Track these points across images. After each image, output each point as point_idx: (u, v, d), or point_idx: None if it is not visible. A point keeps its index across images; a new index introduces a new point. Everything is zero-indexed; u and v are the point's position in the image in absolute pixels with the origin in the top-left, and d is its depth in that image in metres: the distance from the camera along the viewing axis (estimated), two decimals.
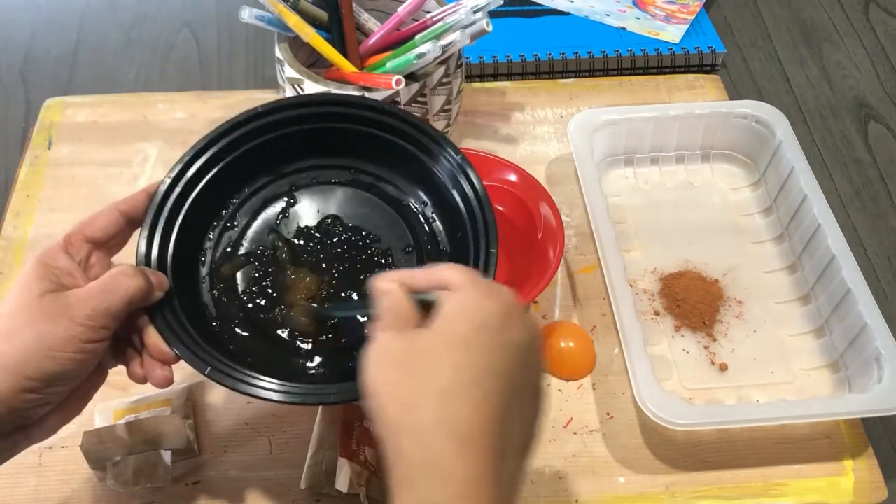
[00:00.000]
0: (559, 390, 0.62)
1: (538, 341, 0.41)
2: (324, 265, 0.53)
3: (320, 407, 0.56)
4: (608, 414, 0.60)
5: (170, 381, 0.47)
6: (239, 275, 0.53)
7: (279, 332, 0.51)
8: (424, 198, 0.56)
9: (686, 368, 0.63)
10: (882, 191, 0.77)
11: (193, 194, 0.52)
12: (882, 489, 0.58)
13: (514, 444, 0.37)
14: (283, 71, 0.68)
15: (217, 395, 0.60)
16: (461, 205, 0.53)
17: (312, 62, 0.74)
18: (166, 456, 0.54)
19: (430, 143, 0.54)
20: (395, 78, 0.63)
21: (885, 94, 0.85)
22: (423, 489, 0.35)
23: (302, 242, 0.54)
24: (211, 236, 0.54)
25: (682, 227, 0.71)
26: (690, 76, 0.84)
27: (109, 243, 0.48)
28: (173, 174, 0.51)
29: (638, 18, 0.88)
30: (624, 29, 0.87)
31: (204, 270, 0.53)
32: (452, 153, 0.53)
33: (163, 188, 0.51)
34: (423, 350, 0.38)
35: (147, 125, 0.78)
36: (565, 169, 0.75)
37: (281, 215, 0.55)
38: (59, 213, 0.71)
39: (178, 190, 0.51)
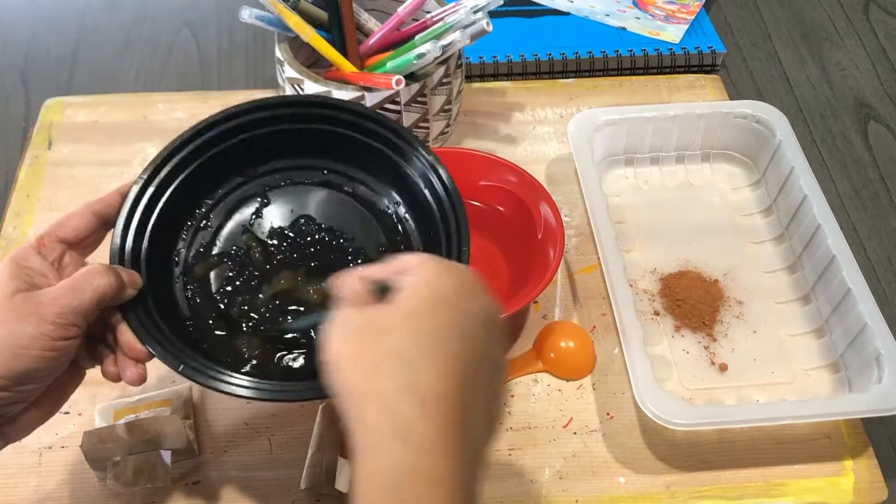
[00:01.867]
0: (559, 390, 0.62)
1: (496, 315, 0.41)
2: (298, 264, 0.54)
3: (320, 407, 0.56)
4: (608, 414, 0.60)
5: (143, 379, 0.47)
6: (212, 274, 0.53)
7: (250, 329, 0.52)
8: (397, 198, 0.56)
9: (686, 368, 0.63)
10: (882, 191, 0.77)
11: (167, 194, 0.52)
12: (882, 489, 0.58)
13: (478, 413, 0.38)
14: (283, 71, 0.68)
15: (217, 395, 0.60)
16: (433, 204, 0.53)
17: (312, 62, 0.74)
18: (166, 456, 0.54)
19: (402, 143, 0.54)
20: (395, 78, 0.63)
21: (885, 94, 0.85)
22: (384, 452, 0.35)
23: (275, 242, 0.54)
24: (185, 236, 0.54)
25: (682, 227, 0.71)
26: (690, 76, 0.84)
27: (83, 244, 0.49)
28: (146, 174, 0.52)
29: (638, 18, 0.88)
30: (624, 29, 0.87)
31: (178, 270, 0.53)
32: (424, 153, 0.54)
33: (136, 188, 0.51)
34: (384, 321, 0.38)
35: (147, 125, 0.78)
36: (565, 169, 0.75)
37: (254, 216, 0.55)
38: (59, 213, 0.69)
39: (151, 190, 0.52)
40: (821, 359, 0.63)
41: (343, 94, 0.65)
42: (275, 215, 0.55)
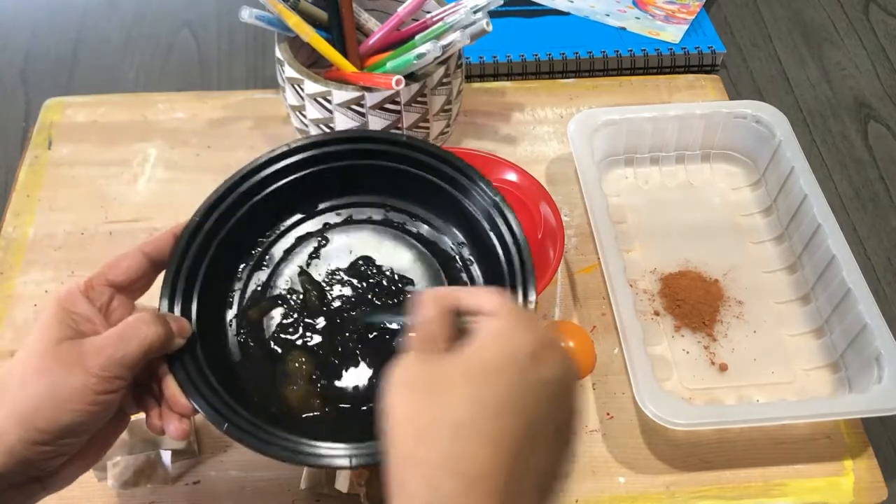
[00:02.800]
0: None
1: (571, 380, 0.38)
2: (354, 311, 0.51)
3: None
4: (608, 414, 0.60)
5: (187, 435, 0.45)
6: (266, 319, 0.51)
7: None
8: (461, 238, 0.54)
9: (686, 368, 0.63)
10: (882, 191, 0.77)
11: (222, 234, 0.50)
12: (882, 489, 0.58)
13: (530, 490, 0.35)
14: (283, 71, 0.68)
15: None
16: (498, 248, 0.51)
17: (312, 62, 0.74)
18: (166, 456, 0.54)
19: (467, 182, 0.52)
20: (395, 78, 0.63)
21: (885, 94, 0.85)
22: None
23: (333, 286, 0.52)
24: (240, 276, 0.52)
25: (682, 227, 0.71)
26: (690, 76, 0.84)
27: (132, 287, 0.46)
28: (201, 213, 0.50)
29: (638, 18, 0.88)
30: (624, 29, 0.87)
31: (231, 313, 0.51)
32: (490, 193, 0.52)
33: (190, 228, 0.49)
34: (446, 376, 0.36)
35: (147, 125, 0.78)
36: (565, 169, 0.75)
37: (312, 256, 0.53)
38: (59, 213, 0.71)
39: (205, 229, 0.50)
40: (821, 359, 0.63)
41: (343, 93, 0.65)
42: (333, 256, 0.53)
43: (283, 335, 0.50)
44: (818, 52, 0.90)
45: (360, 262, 0.53)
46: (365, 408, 0.48)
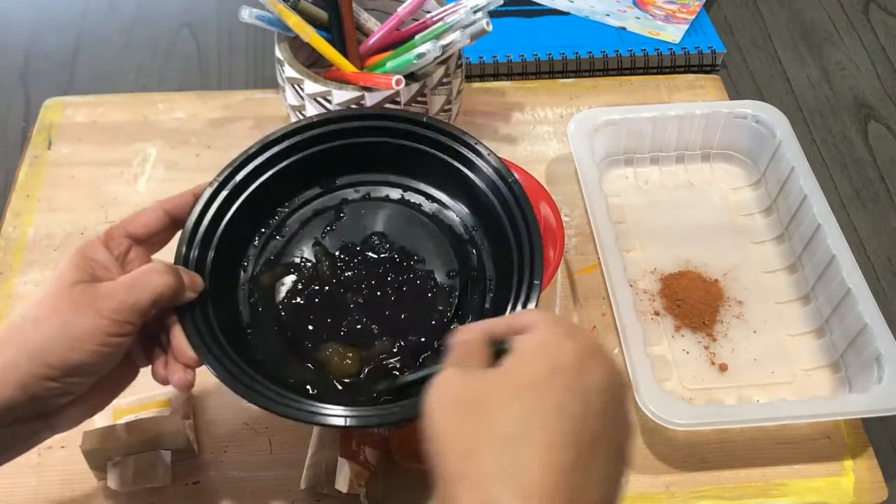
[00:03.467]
0: None
1: (621, 388, 0.36)
2: (363, 284, 0.52)
3: None
4: None
5: (190, 385, 0.46)
6: (278, 284, 0.52)
7: (309, 355, 0.50)
8: (474, 222, 0.55)
9: (686, 368, 0.63)
10: (882, 191, 0.77)
11: (240, 200, 0.52)
12: (882, 489, 0.58)
13: (591, 501, 0.33)
14: (283, 71, 0.68)
15: (217, 395, 0.60)
16: (509, 231, 0.52)
17: (312, 62, 0.74)
18: (166, 456, 0.54)
19: (483, 165, 0.53)
20: (395, 78, 0.63)
21: (885, 94, 0.85)
22: None
23: (345, 257, 0.53)
24: (256, 243, 0.54)
25: (682, 227, 0.71)
26: (690, 76, 0.84)
27: (151, 240, 0.48)
28: (221, 177, 0.51)
29: (638, 18, 0.88)
30: (624, 29, 0.87)
31: (244, 277, 0.53)
32: (511, 181, 0.52)
33: (209, 190, 0.51)
34: (490, 393, 0.35)
35: (147, 125, 0.78)
36: (565, 169, 0.75)
37: (328, 228, 0.54)
38: (59, 213, 0.71)
39: (224, 194, 0.51)
40: (821, 359, 0.63)
41: (343, 93, 0.65)
42: (348, 230, 0.54)
43: (293, 301, 0.52)
44: (818, 51, 0.90)
45: (374, 237, 0.54)
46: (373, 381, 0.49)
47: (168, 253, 0.50)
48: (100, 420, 0.57)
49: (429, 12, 0.72)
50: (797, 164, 0.68)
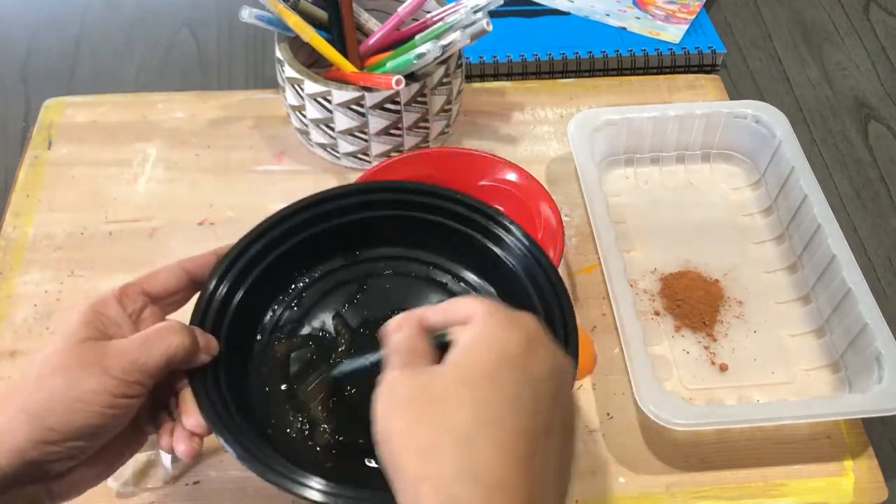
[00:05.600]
0: None
1: (566, 369, 0.37)
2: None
3: None
4: (608, 414, 0.60)
5: (195, 454, 0.44)
6: (293, 356, 0.50)
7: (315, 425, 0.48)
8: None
9: (686, 368, 0.63)
10: (882, 191, 0.77)
11: (263, 264, 0.50)
12: (882, 489, 0.58)
13: (547, 490, 0.33)
14: (283, 71, 0.68)
15: None
16: (542, 315, 0.49)
17: (312, 62, 0.74)
18: (166, 456, 0.54)
19: (501, 232, 0.51)
20: (395, 78, 0.63)
21: (886, 94, 0.85)
22: None
23: (366, 333, 0.51)
24: (274, 310, 0.52)
25: (682, 227, 0.71)
26: (690, 76, 0.84)
27: (168, 300, 0.46)
28: (246, 241, 0.49)
29: (638, 18, 0.88)
30: (624, 29, 0.87)
31: (258, 345, 0.51)
32: (544, 264, 0.50)
33: (233, 253, 0.49)
34: (437, 389, 0.34)
35: (147, 125, 0.78)
36: (565, 169, 0.75)
37: (349, 301, 0.53)
38: (59, 213, 0.71)
39: (247, 256, 0.49)
40: (821, 359, 0.63)
41: (343, 93, 0.66)
42: (370, 305, 0.52)
43: (305, 374, 0.50)
44: (818, 52, 0.90)
45: (396, 314, 0.53)
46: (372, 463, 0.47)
47: (184, 314, 0.47)
48: None
49: (429, 12, 0.72)
50: (797, 164, 0.68)
